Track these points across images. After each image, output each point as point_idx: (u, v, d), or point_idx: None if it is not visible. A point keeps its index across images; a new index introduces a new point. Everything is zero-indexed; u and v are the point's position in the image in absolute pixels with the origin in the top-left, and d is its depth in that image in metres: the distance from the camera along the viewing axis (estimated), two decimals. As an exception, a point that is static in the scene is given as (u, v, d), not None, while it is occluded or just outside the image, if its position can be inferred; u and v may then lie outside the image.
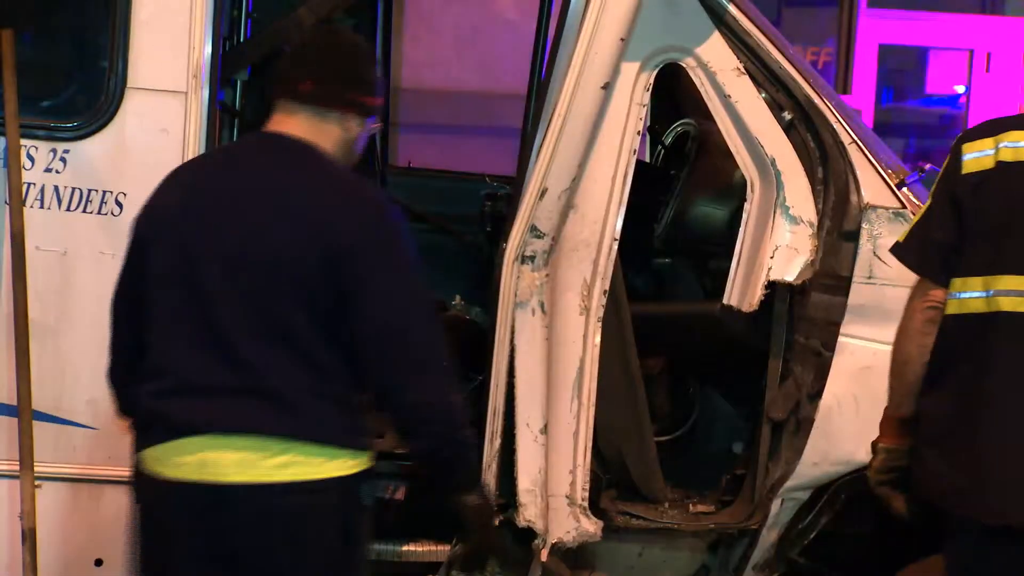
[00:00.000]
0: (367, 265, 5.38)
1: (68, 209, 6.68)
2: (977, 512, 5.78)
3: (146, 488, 5.53)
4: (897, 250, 6.06)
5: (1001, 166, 5.75)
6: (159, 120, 6.71)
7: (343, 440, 5.43)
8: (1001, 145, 5.78)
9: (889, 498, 6.25)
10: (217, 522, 5.36)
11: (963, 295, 5.76)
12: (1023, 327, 5.72)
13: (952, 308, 5.80)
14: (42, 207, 6.64)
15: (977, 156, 5.80)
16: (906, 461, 6.11)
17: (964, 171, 5.81)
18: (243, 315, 5.36)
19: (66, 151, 6.67)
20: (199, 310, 5.40)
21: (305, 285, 5.34)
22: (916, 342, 5.92)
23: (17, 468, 6.52)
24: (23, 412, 6.52)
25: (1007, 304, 5.69)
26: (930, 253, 5.87)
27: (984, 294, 5.73)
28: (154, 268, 5.50)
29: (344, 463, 5.42)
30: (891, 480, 6.20)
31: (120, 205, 6.69)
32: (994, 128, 5.91)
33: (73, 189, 6.68)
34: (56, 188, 6.67)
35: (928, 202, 5.97)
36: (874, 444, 6.24)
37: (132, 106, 6.72)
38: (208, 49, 6.75)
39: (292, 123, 5.56)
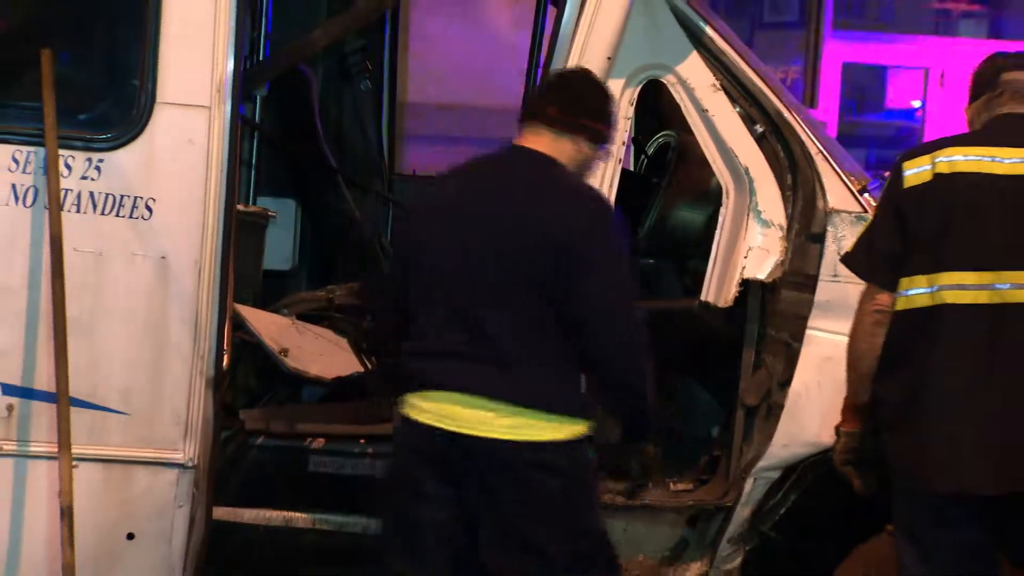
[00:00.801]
0: (588, 259, 5.93)
1: (102, 213, 6.65)
2: (931, 482, 5.89)
3: (402, 424, 6.17)
4: (847, 259, 6.32)
5: (938, 178, 5.96)
6: (185, 132, 6.69)
7: (564, 409, 5.96)
8: (937, 160, 5.99)
9: (851, 476, 6.39)
10: (450, 462, 5.99)
11: (910, 292, 5.95)
12: (965, 317, 5.90)
13: (901, 305, 5.98)
14: (78, 211, 6.61)
15: (916, 172, 6.01)
16: (864, 443, 6.27)
17: (906, 185, 6.03)
18: (489, 297, 5.98)
19: (100, 160, 6.65)
20: (454, 289, 6.04)
21: (538, 273, 5.93)
22: (867, 341, 6.11)
23: (56, 450, 6.50)
24: (61, 399, 6.50)
25: (950, 297, 5.89)
26: (878, 261, 6.07)
27: (929, 290, 5.92)
28: (423, 252, 6.19)
29: (564, 429, 5.95)
30: (853, 460, 6.34)
31: (150, 209, 6.66)
32: (929, 147, 6.18)
33: (107, 195, 6.66)
34: (91, 194, 6.64)
35: (873, 216, 6.25)
36: (837, 429, 6.39)
37: (161, 119, 6.69)
38: (230, 67, 6.71)
39: (536, 140, 6.19)
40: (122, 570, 6.73)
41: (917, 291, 5.94)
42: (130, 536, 6.71)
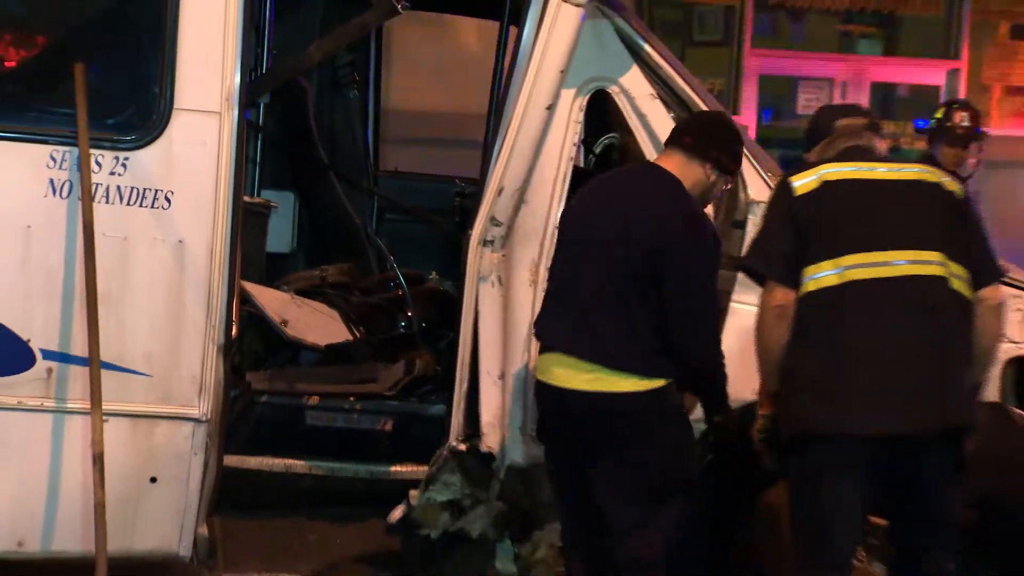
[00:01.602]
0: (680, 260, 6.23)
1: (128, 204, 6.62)
2: (846, 428, 5.89)
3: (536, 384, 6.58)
4: (746, 263, 6.39)
5: (827, 184, 6.12)
6: (199, 134, 6.66)
7: (637, 369, 6.22)
8: (823, 172, 6.20)
9: (764, 451, 6.44)
10: (560, 413, 6.39)
11: (818, 275, 5.99)
12: (870, 289, 5.97)
13: (810, 287, 6.00)
14: (107, 202, 6.58)
15: (805, 182, 6.15)
16: (775, 424, 6.31)
17: (797, 193, 6.14)
18: (592, 280, 6.28)
19: (126, 158, 6.62)
20: (571, 271, 6.40)
21: (637, 266, 6.22)
22: (771, 335, 6.12)
23: (89, 406, 6.48)
24: (93, 363, 6.48)
25: (855, 274, 5.95)
26: (776, 260, 6.11)
27: (836, 271, 5.96)
28: (563, 242, 6.60)
29: (635, 383, 6.21)
30: (767, 439, 6.38)
31: (169, 201, 6.64)
32: (810, 167, 6.33)
33: (132, 188, 6.63)
34: (118, 187, 6.61)
35: (762, 225, 6.34)
36: (755, 412, 6.43)
37: (178, 123, 6.66)
38: (238, 78, 6.69)
39: (670, 161, 6.50)
40: (146, 509, 6.70)
41: (825, 273, 5.97)
42: (153, 479, 6.70)
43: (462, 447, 6.99)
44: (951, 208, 6.17)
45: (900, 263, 6.01)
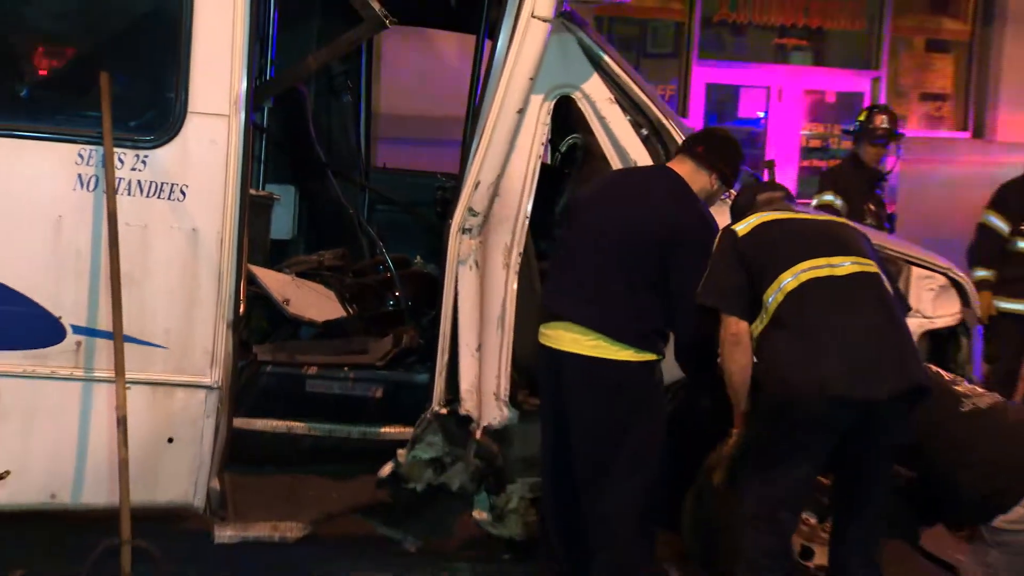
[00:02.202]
0: (686, 252, 6.43)
1: (147, 196, 6.61)
2: (827, 391, 6.02)
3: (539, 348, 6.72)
4: (701, 300, 6.40)
5: (762, 224, 6.44)
6: (210, 134, 6.65)
7: (634, 342, 6.42)
8: (756, 217, 6.47)
9: (727, 465, 6.55)
10: (558, 374, 6.58)
11: (780, 286, 6.20)
12: (825, 284, 6.22)
13: (779, 298, 6.19)
14: (129, 195, 6.57)
15: (745, 226, 6.43)
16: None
17: (740, 235, 6.38)
18: (604, 262, 6.50)
19: (146, 156, 6.61)
20: (583, 252, 6.60)
21: (647, 253, 6.44)
22: (731, 360, 6.31)
23: (113, 375, 6.48)
24: (117, 336, 6.48)
25: (810, 275, 6.20)
26: (727, 295, 6.31)
27: (793, 277, 6.20)
28: (573, 227, 6.78)
29: (631, 353, 6.43)
30: (736, 455, 6.47)
31: (183, 193, 6.64)
32: (745, 217, 6.56)
33: (151, 182, 6.62)
34: (139, 182, 6.60)
35: (712, 267, 6.41)
36: (730, 431, 6.48)
37: (191, 125, 6.65)
38: (244, 85, 6.68)
39: (681, 166, 6.72)
40: (164, 465, 6.72)
41: (785, 282, 6.19)
42: (170, 440, 6.71)
43: (443, 411, 6.98)
44: (867, 243, 6.55)
45: (845, 264, 6.27)
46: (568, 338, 6.51)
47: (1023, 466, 6.31)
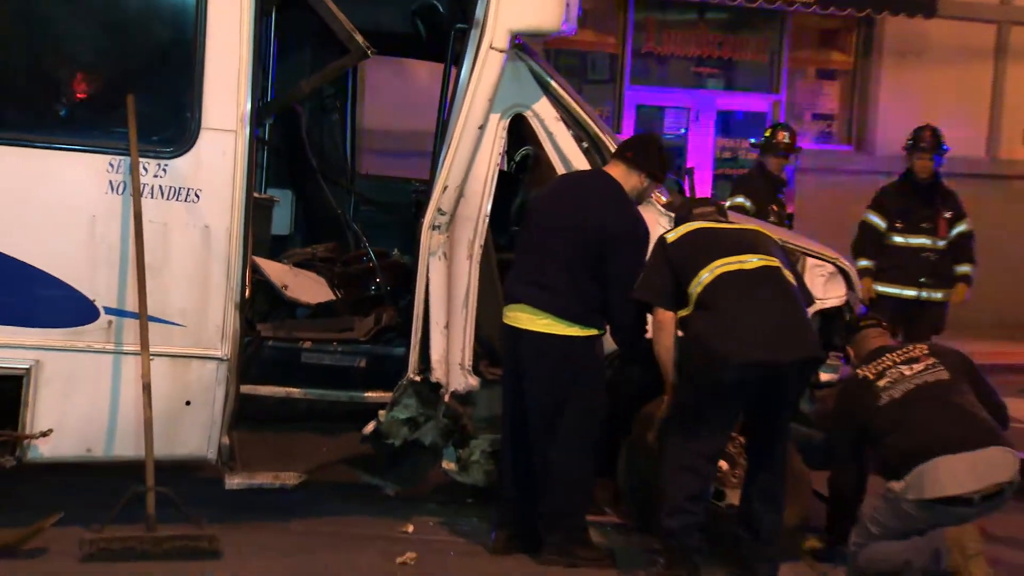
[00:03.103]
0: (619, 247, 6.50)
1: (167, 199, 6.59)
2: (734, 357, 6.15)
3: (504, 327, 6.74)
4: (637, 295, 6.50)
5: (690, 232, 6.58)
6: (220, 146, 6.63)
7: (580, 319, 6.50)
8: (685, 227, 6.61)
9: (655, 428, 6.57)
10: (517, 346, 6.62)
11: (702, 279, 6.33)
12: (736, 275, 6.35)
13: (699, 289, 6.32)
14: (152, 198, 6.54)
15: (674, 235, 6.56)
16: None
17: (669, 242, 6.49)
18: (555, 254, 6.53)
19: (166, 165, 6.58)
20: (537, 247, 6.64)
21: (588, 248, 6.48)
22: (659, 341, 6.41)
23: (139, 348, 6.45)
24: (142, 316, 6.46)
25: (723, 269, 6.34)
26: (657, 291, 6.42)
27: (709, 272, 6.33)
28: (529, 226, 6.79)
29: (576, 329, 6.50)
30: (665, 419, 6.49)
31: (198, 196, 6.62)
32: (677, 224, 6.74)
33: (170, 187, 6.59)
34: (160, 187, 6.57)
35: (646, 268, 6.53)
36: (662, 397, 6.53)
37: (205, 138, 6.63)
38: (248, 105, 6.66)
39: (614, 169, 6.74)
40: (183, 424, 6.70)
41: (704, 277, 6.32)
42: (187, 403, 6.69)
43: (417, 379, 6.97)
44: (780, 248, 6.67)
45: (753, 260, 6.39)
46: (525, 318, 6.55)
47: (916, 452, 6.36)
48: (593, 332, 6.56)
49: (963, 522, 6.42)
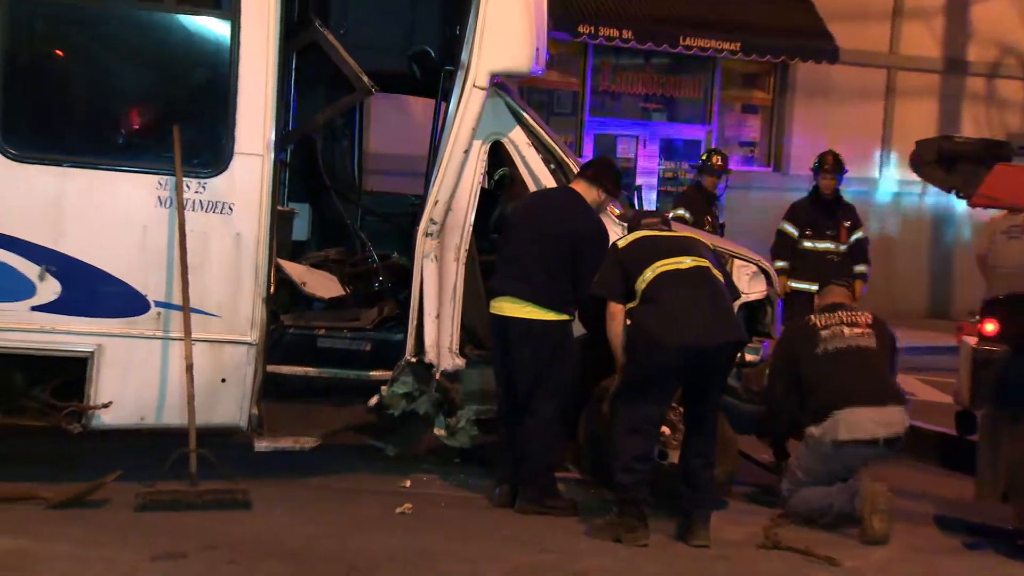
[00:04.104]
0: (587, 246, 6.56)
1: (206, 211, 6.56)
2: (673, 341, 6.12)
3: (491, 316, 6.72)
4: (594, 291, 6.44)
5: (638, 239, 6.48)
6: (250, 168, 6.61)
7: (555, 307, 6.53)
8: (635, 234, 6.53)
9: (608, 401, 6.48)
10: (504, 332, 6.60)
11: (645, 276, 6.26)
12: (672, 273, 6.30)
13: (643, 285, 6.26)
14: (193, 210, 6.51)
15: (624, 241, 6.50)
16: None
17: (621, 247, 6.46)
18: (534, 255, 6.54)
19: (205, 183, 6.56)
20: (519, 250, 6.61)
21: (562, 249, 6.53)
22: (611, 329, 6.35)
23: (183, 335, 6.42)
24: (185, 308, 6.43)
25: (662, 269, 6.29)
26: (611, 288, 6.36)
27: (651, 271, 6.26)
28: (511, 233, 6.76)
29: (552, 315, 6.54)
30: (615, 394, 6.43)
31: (231, 209, 6.60)
32: (629, 232, 6.63)
33: (209, 201, 6.56)
34: (200, 201, 6.55)
35: (602, 268, 6.45)
36: (614, 376, 6.48)
37: (237, 161, 6.60)
38: (273, 134, 6.64)
39: (578, 186, 6.81)
40: (219, 398, 6.66)
41: (647, 275, 6.26)
42: (223, 380, 6.66)
43: (413, 360, 6.96)
44: (713, 253, 6.57)
45: (687, 261, 6.36)
46: (511, 307, 6.57)
47: (836, 401, 6.60)
48: (566, 318, 6.58)
49: (867, 461, 6.67)
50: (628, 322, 6.34)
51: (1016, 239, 13.25)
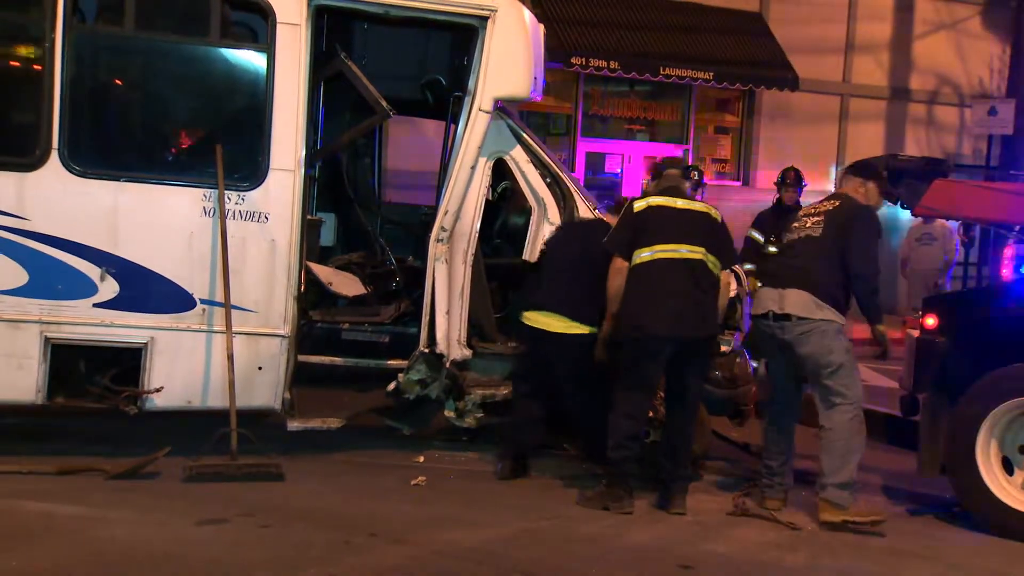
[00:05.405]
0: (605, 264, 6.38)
1: (244, 220, 6.57)
2: (656, 329, 6.11)
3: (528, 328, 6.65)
4: (606, 246, 6.37)
5: (650, 207, 6.29)
6: (283, 182, 6.61)
7: (588, 322, 6.47)
8: (649, 200, 6.34)
9: (603, 348, 6.48)
10: (543, 345, 6.56)
11: (642, 255, 6.19)
12: (666, 262, 6.20)
13: (636, 261, 6.19)
14: (233, 219, 6.52)
15: (640, 205, 6.29)
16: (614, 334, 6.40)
17: (635, 211, 6.28)
18: (569, 276, 6.56)
19: (244, 195, 6.56)
20: (558, 272, 6.63)
21: (590, 271, 6.43)
22: (613, 283, 6.27)
23: (225, 328, 6.43)
24: (226, 305, 6.43)
25: (659, 255, 6.19)
26: (620, 244, 6.27)
27: (650, 253, 6.19)
28: (551, 258, 6.81)
29: (586, 329, 6.48)
30: (608, 341, 6.43)
31: (267, 218, 6.60)
32: (644, 197, 6.46)
33: (247, 211, 6.57)
34: (240, 211, 6.55)
35: (616, 227, 6.37)
36: (604, 327, 6.46)
37: (272, 176, 6.61)
38: (303, 152, 6.64)
39: (608, 218, 6.75)
40: (256, 383, 6.66)
41: (645, 254, 6.19)
42: (260, 368, 6.67)
43: (426, 351, 6.96)
44: (712, 226, 6.36)
45: (683, 251, 6.22)
46: (550, 321, 6.57)
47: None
48: (595, 330, 6.52)
49: (769, 334, 6.42)
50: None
51: (927, 245, 13.37)
